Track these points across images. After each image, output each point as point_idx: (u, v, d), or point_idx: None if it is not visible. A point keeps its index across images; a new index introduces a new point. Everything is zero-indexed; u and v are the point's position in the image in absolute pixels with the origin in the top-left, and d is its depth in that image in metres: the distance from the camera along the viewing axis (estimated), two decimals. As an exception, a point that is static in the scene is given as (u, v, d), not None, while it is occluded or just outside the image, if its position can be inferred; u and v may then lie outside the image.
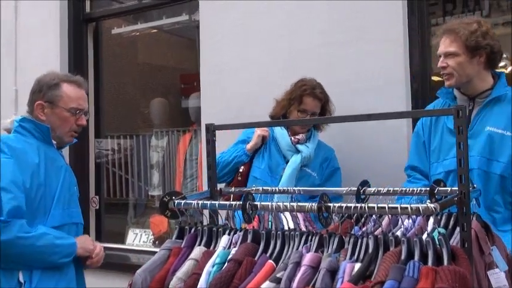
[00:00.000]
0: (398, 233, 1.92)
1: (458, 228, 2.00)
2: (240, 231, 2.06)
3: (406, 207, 1.68)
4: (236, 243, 2.01)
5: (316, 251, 1.77)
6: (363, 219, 2.25)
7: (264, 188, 2.62)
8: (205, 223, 2.25)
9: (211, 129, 2.50)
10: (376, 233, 2.08)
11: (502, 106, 2.42)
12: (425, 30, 3.18)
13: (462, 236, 1.84)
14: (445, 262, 1.58)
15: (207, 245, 2.07)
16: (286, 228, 2.34)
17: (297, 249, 1.81)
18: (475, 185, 2.11)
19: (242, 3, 3.71)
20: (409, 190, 2.25)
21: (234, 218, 2.29)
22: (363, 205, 1.76)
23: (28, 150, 2.27)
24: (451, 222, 2.07)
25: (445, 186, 2.20)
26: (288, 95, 3.09)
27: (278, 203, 1.93)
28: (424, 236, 1.90)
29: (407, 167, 2.70)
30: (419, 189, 2.23)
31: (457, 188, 2.12)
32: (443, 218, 2.06)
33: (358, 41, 3.25)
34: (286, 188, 2.59)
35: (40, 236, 2.19)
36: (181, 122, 5.12)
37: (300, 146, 3.04)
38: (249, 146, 3.05)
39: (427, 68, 3.18)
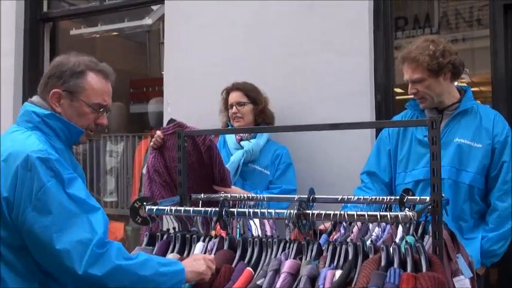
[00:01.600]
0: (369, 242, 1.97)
1: (427, 236, 2.08)
2: (215, 238, 2.05)
3: (386, 215, 1.71)
4: (212, 250, 1.99)
5: (294, 258, 1.78)
6: (331, 227, 2.29)
7: (233, 195, 2.62)
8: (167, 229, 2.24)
9: (183, 135, 2.48)
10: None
11: (469, 119, 2.51)
12: (389, 42, 3.26)
13: (434, 243, 1.89)
14: (424, 269, 1.62)
15: (180, 252, 2.05)
16: (255, 234, 2.35)
17: (275, 256, 1.81)
18: (443, 195, 2.18)
19: (207, 11, 3.71)
20: (379, 199, 2.30)
21: (210, 225, 2.28)
22: (342, 212, 1.78)
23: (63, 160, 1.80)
24: (420, 231, 2.14)
25: (413, 195, 2.26)
26: (221, 102, 3.27)
27: (255, 210, 1.93)
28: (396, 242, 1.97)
29: (364, 172, 2.76)
30: (389, 198, 2.28)
31: (425, 197, 2.22)
32: (412, 226, 2.11)
33: (323, 51, 3.30)
34: (255, 195, 2.59)
35: (143, 263, 1.72)
36: (133, 128, 5.04)
37: (243, 142, 3.10)
38: None
39: (391, 80, 3.27)
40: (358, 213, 1.75)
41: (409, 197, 2.22)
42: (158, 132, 2.69)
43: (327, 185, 2.99)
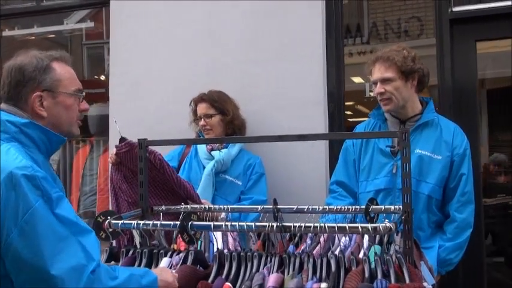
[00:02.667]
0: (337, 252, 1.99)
1: (393, 246, 2.12)
2: (179, 253, 1.99)
3: (366, 226, 1.73)
4: (177, 265, 1.93)
5: (276, 272, 1.75)
6: (297, 238, 2.29)
7: (193, 206, 2.55)
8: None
9: (144, 145, 2.39)
10: (315, 251, 2.13)
11: (430, 130, 2.58)
12: (340, 52, 3.32)
13: (405, 252, 1.92)
14: (407, 280, 1.65)
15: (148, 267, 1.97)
16: (216, 247, 2.30)
17: (257, 270, 1.78)
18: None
19: (157, 16, 3.61)
20: (345, 209, 2.32)
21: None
22: (322, 225, 1.77)
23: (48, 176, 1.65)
24: (385, 240, 2.18)
25: (377, 204, 2.30)
26: (191, 113, 3.20)
27: (227, 223, 1.89)
28: (361, 254, 2.00)
29: (334, 182, 2.78)
30: (354, 207, 2.31)
31: (389, 207, 2.27)
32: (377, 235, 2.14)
33: (278, 59, 3.30)
34: (217, 206, 2.54)
35: (129, 279, 1.66)
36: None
37: (213, 152, 3.03)
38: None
39: (342, 88, 3.32)
40: (339, 225, 1.76)
41: (374, 207, 2.26)
42: (113, 151, 2.57)
43: (287, 194, 3.01)
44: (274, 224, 1.79)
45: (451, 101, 3.10)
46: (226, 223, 1.87)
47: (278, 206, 2.33)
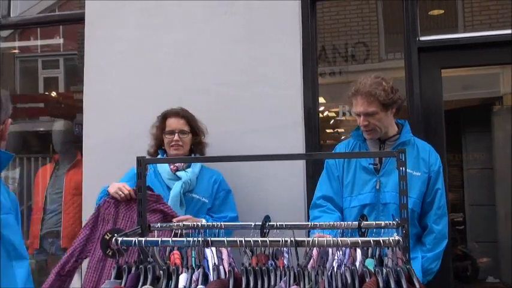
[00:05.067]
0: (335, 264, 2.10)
1: (386, 258, 2.25)
2: (198, 270, 2.03)
3: (377, 240, 1.85)
4: (197, 280, 1.97)
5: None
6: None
7: (186, 224, 2.60)
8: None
9: (143, 163, 2.42)
10: (309, 265, 2.23)
11: (408, 150, 2.68)
12: (315, 76, 3.47)
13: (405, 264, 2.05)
14: (419, 289, 1.78)
15: (153, 284, 2.00)
16: (211, 263, 2.35)
17: (275, 284, 1.85)
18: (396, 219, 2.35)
19: (134, 37, 3.63)
20: (337, 224, 2.44)
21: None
22: (335, 239, 1.88)
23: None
24: (377, 253, 2.31)
25: (367, 220, 2.43)
26: (155, 124, 3.18)
27: (240, 239, 1.95)
28: (357, 265, 2.12)
29: (320, 197, 2.87)
30: (346, 223, 2.43)
31: (380, 222, 2.41)
32: (369, 249, 2.27)
33: (256, 83, 3.41)
34: (211, 224, 2.59)
35: None
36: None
37: (179, 173, 3.03)
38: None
39: (317, 110, 3.47)
40: (351, 239, 1.87)
41: (365, 222, 2.40)
42: (127, 187, 2.65)
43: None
44: (288, 239, 1.88)
45: (420, 123, 3.31)
46: (240, 239, 1.93)
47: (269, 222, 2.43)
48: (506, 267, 5.60)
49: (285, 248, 2.25)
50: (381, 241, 1.84)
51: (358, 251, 2.21)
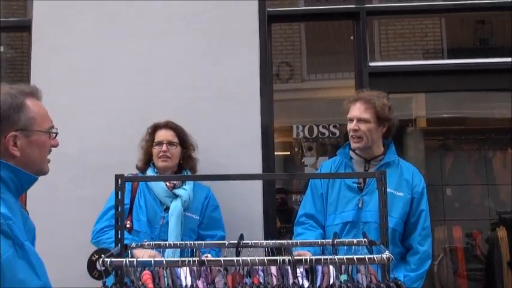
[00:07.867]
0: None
1: (359, 274, 2.35)
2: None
3: (372, 257, 1.94)
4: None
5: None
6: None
7: (175, 242, 2.55)
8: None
9: (122, 181, 2.35)
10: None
11: (392, 170, 2.82)
12: (271, 93, 3.56)
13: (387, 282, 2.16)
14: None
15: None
16: (184, 284, 2.33)
17: (275, 302, 1.88)
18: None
19: (96, 47, 3.52)
20: (313, 242, 2.51)
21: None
22: (331, 257, 1.95)
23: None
24: (350, 269, 2.40)
25: (338, 238, 2.51)
26: (145, 138, 3.11)
27: (238, 258, 1.96)
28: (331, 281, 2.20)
29: (303, 215, 2.91)
30: (325, 241, 2.47)
31: (352, 240, 2.50)
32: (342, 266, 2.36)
33: (217, 98, 3.43)
34: (193, 243, 2.53)
35: None
36: None
37: (177, 191, 2.96)
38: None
39: (272, 127, 3.55)
40: (347, 257, 1.95)
41: (338, 240, 2.48)
42: None
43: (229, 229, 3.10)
44: (286, 258, 1.92)
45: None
46: (237, 258, 1.95)
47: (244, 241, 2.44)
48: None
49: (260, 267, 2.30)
50: (374, 258, 1.93)
51: (331, 268, 2.30)
